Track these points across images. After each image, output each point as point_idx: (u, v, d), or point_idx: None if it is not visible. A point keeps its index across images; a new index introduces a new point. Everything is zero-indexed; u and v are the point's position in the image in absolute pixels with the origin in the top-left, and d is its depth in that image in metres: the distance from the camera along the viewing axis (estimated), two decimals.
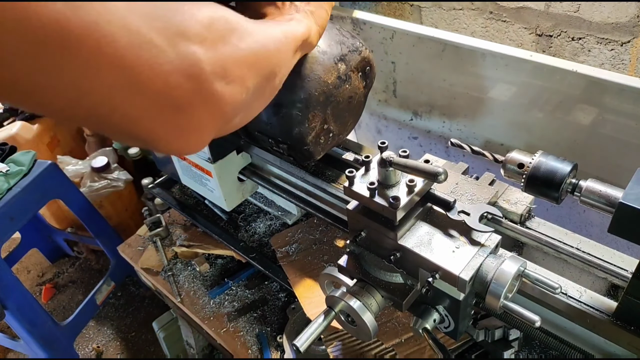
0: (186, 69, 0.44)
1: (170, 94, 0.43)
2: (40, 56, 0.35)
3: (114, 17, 0.38)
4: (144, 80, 0.41)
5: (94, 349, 2.49)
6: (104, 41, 0.37)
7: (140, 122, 0.44)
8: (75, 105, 0.39)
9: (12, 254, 2.47)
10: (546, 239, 0.73)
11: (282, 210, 1.47)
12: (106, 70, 0.38)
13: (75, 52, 0.36)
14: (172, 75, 0.43)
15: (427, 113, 1.34)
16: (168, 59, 0.42)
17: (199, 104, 0.47)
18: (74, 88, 0.38)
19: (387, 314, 1.11)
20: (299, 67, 0.84)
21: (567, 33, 1.24)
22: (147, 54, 0.40)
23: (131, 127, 0.44)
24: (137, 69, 0.40)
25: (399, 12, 1.53)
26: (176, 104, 0.45)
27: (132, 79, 0.40)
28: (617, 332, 0.66)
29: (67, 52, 0.36)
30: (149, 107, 0.43)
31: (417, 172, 0.65)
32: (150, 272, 1.49)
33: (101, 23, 0.37)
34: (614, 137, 1.02)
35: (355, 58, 0.90)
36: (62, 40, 0.35)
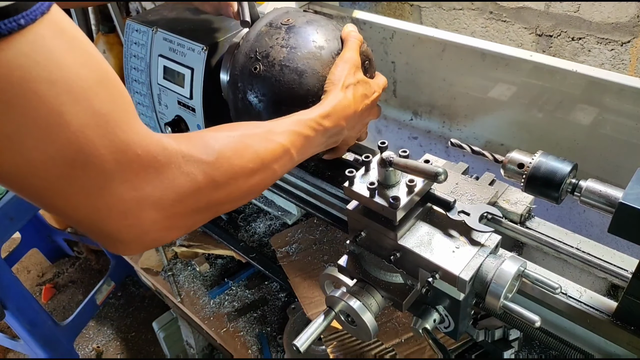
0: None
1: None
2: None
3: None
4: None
5: (94, 349, 2.49)
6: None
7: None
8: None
9: (12, 254, 2.46)
10: (546, 239, 0.73)
11: (282, 210, 1.47)
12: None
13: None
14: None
15: (427, 113, 1.34)
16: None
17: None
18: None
19: (387, 314, 1.11)
20: (296, 64, 0.84)
21: (567, 33, 1.24)
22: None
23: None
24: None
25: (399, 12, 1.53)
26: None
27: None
28: (617, 332, 0.66)
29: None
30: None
31: (417, 172, 0.65)
32: (150, 272, 1.49)
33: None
34: (614, 137, 1.01)
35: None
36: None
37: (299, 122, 0.72)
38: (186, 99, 1.05)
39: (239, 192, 0.62)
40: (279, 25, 0.89)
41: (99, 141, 0.45)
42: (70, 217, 0.49)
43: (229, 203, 0.63)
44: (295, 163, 0.72)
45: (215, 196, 0.58)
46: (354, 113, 0.81)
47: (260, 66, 0.87)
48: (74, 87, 0.43)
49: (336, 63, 0.84)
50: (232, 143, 0.62)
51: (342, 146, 0.90)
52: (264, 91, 0.86)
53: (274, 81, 0.85)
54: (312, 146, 0.75)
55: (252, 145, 0.64)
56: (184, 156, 0.54)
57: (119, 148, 0.47)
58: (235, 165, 0.61)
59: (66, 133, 0.42)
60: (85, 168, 0.45)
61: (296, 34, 0.87)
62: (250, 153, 0.63)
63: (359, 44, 0.88)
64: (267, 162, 0.65)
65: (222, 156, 0.59)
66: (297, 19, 0.90)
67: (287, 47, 0.85)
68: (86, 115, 0.44)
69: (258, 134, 0.67)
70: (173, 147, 0.53)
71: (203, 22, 1.05)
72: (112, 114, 0.46)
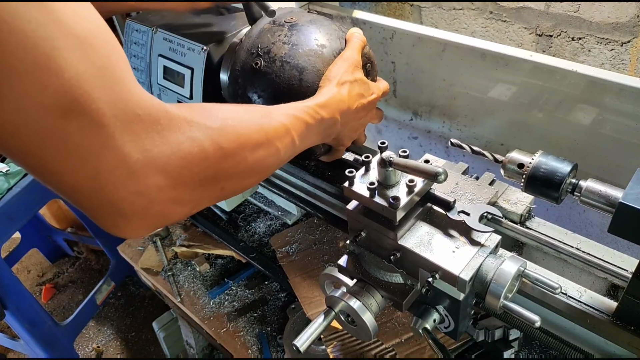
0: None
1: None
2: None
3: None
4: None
5: (94, 349, 2.49)
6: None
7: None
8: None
9: (12, 254, 2.47)
10: (546, 239, 0.73)
11: (282, 210, 1.47)
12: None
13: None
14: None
15: (427, 113, 1.34)
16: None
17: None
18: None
19: (387, 314, 1.11)
20: (297, 60, 0.84)
21: (567, 33, 1.24)
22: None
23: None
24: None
25: (399, 12, 1.53)
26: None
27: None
28: (617, 332, 0.66)
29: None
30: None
31: (417, 172, 0.65)
32: (150, 272, 1.49)
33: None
34: (614, 137, 1.01)
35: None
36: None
37: (297, 108, 0.72)
38: (186, 99, 1.05)
39: (245, 164, 0.60)
40: (282, 23, 0.89)
41: (96, 93, 0.42)
42: (68, 184, 0.45)
43: (235, 177, 0.60)
44: (296, 149, 0.71)
45: (222, 165, 0.56)
46: (347, 109, 0.81)
47: (261, 62, 0.86)
48: (70, 34, 0.41)
49: (335, 61, 0.85)
50: (236, 113, 0.61)
51: (339, 147, 0.90)
52: (263, 87, 0.86)
53: (274, 77, 0.85)
54: (311, 134, 0.74)
55: (254, 118, 0.63)
56: (187, 122, 0.52)
57: (118, 105, 0.44)
58: (241, 134, 0.59)
59: (59, 79, 0.40)
60: (82, 121, 0.42)
61: (299, 32, 0.87)
62: (254, 125, 0.62)
63: (362, 45, 0.88)
64: (270, 137, 0.64)
65: (226, 124, 0.57)
66: (301, 18, 0.90)
67: (289, 44, 0.85)
68: (81, 64, 0.41)
69: (259, 110, 0.67)
70: (175, 112, 0.51)
71: (203, 22, 1.05)
72: (110, 69, 0.44)
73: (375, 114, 0.93)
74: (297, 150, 0.72)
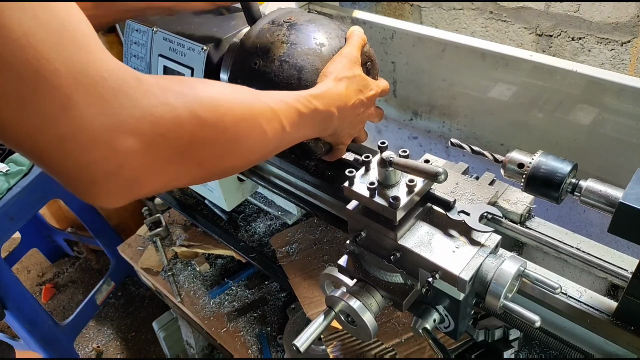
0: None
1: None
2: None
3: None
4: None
5: (94, 349, 2.49)
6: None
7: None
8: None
9: (12, 254, 2.47)
10: (546, 239, 0.73)
11: (282, 210, 1.47)
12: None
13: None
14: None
15: (427, 113, 1.34)
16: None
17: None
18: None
19: (387, 314, 1.11)
20: (295, 59, 0.84)
21: (567, 33, 1.24)
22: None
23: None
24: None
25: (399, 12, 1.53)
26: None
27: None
28: (617, 332, 0.66)
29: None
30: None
31: (417, 172, 0.65)
32: (150, 272, 1.49)
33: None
34: (614, 137, 1.01)
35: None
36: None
37: (288, 95, 0.70)
38: None
39: (225, 136, 0.57)
40: (281, 22, 0.89)
41: (50, 54, 0.41)
42: (33, 151, 0.44)
43: (215, 150, 0.57)
44: (287, 137, 0.69)
45: (199, 134, 0.53)
46: (345, 104, 0.80)
47: (260, 61, 0.87)
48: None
49: (334, 58, 0.84)
50: (218, 88, 0.59)
51: (338, 145, 0.89)
52: (262, 86, 0.86)
53: (273, 76, 0.85)
54: (304, 124, 0.72)
55: (239, 96, 0.61)
56: (161, 87, 0.49)
57: (77, 67, 0.42)
58: (221, 105, 0.56)
59: (6, 39, 0.38)
60: (38, 85, 0.41)
61: (298, 31, 0.87)
62: (237, 100, 0.59)
63: (362, 43, 0.88)
64: (255, 114, 0.61)
65: (205, 94, 0.55)
66: (300, 17, 0.90)
67: (288, 43, 0.85)
68: (31, 25, 0.40)
69: (245, 91, 0.64)
70: (147, 78, 0.49)
71: (203, 22, 1.05)
72: (69, 31, 0.43)
73: (375, 112, 0.93)
74: (287, 138, 0.70)
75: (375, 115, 0.93)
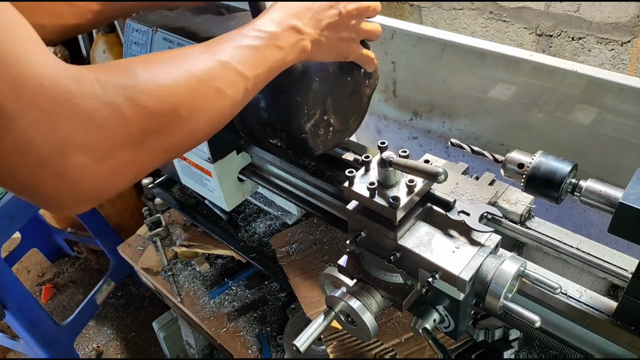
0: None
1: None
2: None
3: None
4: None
5: (94, 349, 2.49)
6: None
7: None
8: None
9: (12, 254, 2.47)
10: (546, 239, 0.73)
11: (282, 210, 1.47)
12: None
13: None
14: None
15: (427, 113, 1.34)
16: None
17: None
18: None
19: (387, 314, 1.11)
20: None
21: (567, 33, 1.24)
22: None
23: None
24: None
25: (399, 12, 1.53)
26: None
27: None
28: (617, 332, 0.66)
29: None
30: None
31: (417, 172, 0.65)
32: (150, 272, 1.49)
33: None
34: (614, 137, 1.02)
35: None
36: None
37: (236, 34, 0.64)
38: None
39: (178, 117, 0.53)
40: None
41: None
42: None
43: (174, 131, 0.54)
44: (251, 80, 0.63)
45: (149, 125, 0.50)
46: (306, 8, 0.70)
47: None
48: None
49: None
50: (157, 63, 0.54)
51: (349, 57, 0.81)
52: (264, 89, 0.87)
53: None
54: (265, 56, 0.65)
55: (180, 64, 0.56)
56: (101, 83, 0.46)
57: (16, 81, 0.40)
58: (164, 85, 0.52)
59: None
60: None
61: None
62: (180, 71, 0.55)
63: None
64: (203, 79, 0.57)
65: (145, 77, 0.51)
66: None
67: None
68: None
69: (189, 53, 0.59)
70: (87, 75, 0.46)
71: (203, 22, 1.05)
72: (2, 40, 0.40)
73: (368, 25, 0.83)
74: (254, 82, 0.63)
75: (368, 31, 0.82)
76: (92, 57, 1.96)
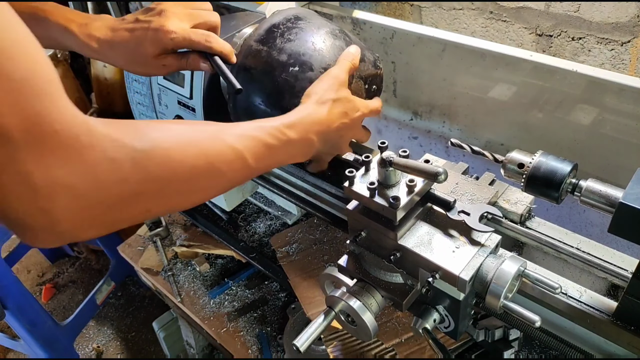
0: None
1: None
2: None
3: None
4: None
5: (94, 349, 2.49)
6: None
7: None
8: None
9: (12, 254, 2.46)
10: (546, 239, 0.73)
11: (282, 210, 1.47)
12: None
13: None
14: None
15: (427, 113, 1.34)
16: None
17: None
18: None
19: (387, 314, 1.11)
20: (294, 62, 0.85)
21: (567, 33, 1.24)
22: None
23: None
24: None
25: (399, 12, 1.53)
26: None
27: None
28: (617, 332, 0.66)
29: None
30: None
31: (417, 172, 0.65)
32: (150, 272, 1.49)
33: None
34: (614, 137, 1.01)
35: (368, 69, 0.91)
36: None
37: (259, 128, 0.68)
38: (186, 99, 1.05)
39: (175, 189, 0.56)
40: (280, 25, 0.89)
41: (5, 108, 0.41)
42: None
43: (164, 200, 0.56)
44: (254, 172, 0.68)
45: (145, 188, 0.53)
46: (327, 128, 0.77)
47: (258, 65, 0.87)
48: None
49: (321, 77, 0.82)
50: (173, 134, 0.57)
51: (321, 161, 0.86)
52: (260, 87, 0.87)
53: (275, 81, 0.85)
54: (274, 156, 0.70)
55: (197, 140, 0.59)
56: (111, 140, 0.49)
57: (32, 119, 0.43)
58: (173, 158, 0.55)
59: None
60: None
61: (297, 34, 0.87)
62: (193, 148, 0.58)
63: (351, 67, 0.85)
64: (212, 161, 0.60)
65: (158, 146, 0.53)
66: (299, 19, 0.90)
67: (287, 46, 0.86)
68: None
69: (208, 131, 0.62)
70: (100, 129, 0.48)
71: None
72: (29, 81, 0.43)
73: (362, 132, 0.90)
74: (254, 172, 0.68)
75: (362, 135, 0.90)
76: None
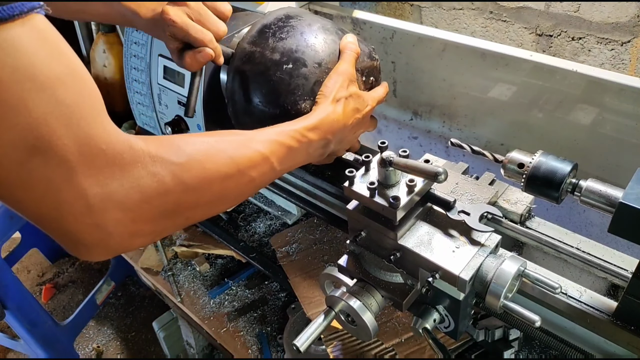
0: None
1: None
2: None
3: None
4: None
5: (94, 349, 2.49)
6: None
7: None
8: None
9: (12, 254, 2.46)
10: (546, 239, 0.73)
11: (282, 210, 1.47)
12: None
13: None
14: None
15: (427, 113, 1.34)
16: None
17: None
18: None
19: (387, 314, 1.11)
20: (291, 61, 0.85)
21: (567, 33, 1.24)
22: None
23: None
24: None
25: (399, 12, 1.53)
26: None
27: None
28: (617, 332, 0.66)
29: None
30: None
31: (417, 172, 0.65)
32: (150, 272, 1.49)
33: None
34: (614, 137, 1.01)
35: (364, 61, 0.91)
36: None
37: (282, 132, 0.72)
38: (186, 99, 1.05)
39: (211, 196, 0.61)
40: (277, 23, 0.89)
41: (61, 131, 0.45)
42: (32, 212, 0.49)
43: (202, 207, 0.61)
44: (277, 173, 0.71)
45: (184, 199, 0.57)
46: (343, 127, 0.80)
47: (253, 66, 0.87)
48: (39, 76, 0.44)
49: (330, 75, 0.83)
50: (205, 147, 0.62)
51: (331, 157, 0.89)
52: (259, 87, 0.87)
53: (270, 80, 0.85)
54: (295, 157, 0.74)
55: (226, 150, 0.64)
56: (151, 157, 0.53)
57: (83, 140, 0.47)
58: (208, 168, 0.60)
59: (27, 118, 0.43)
60: (47, 157, 0.45)
61: (294, 33, 0.87)
62: (224, 157, 0.63)
63: (356, 57, 0.87)
64: (242, 168, 0.64)
65: (193, 159, 0.58)
66: (296, 19, 0.90)
67: (283, 45, 0.86)
68: (49, 104, 0.44)
69: (235, 140, 0.67)
70: (140, 146, 0.53)
71: None
72: (78, 106, 0.47)
73: (370, 123, 0.92)
74: (278, 174, 0.72)
75: (370, 126, 0.92)
76: (92, 57, 1.96)
